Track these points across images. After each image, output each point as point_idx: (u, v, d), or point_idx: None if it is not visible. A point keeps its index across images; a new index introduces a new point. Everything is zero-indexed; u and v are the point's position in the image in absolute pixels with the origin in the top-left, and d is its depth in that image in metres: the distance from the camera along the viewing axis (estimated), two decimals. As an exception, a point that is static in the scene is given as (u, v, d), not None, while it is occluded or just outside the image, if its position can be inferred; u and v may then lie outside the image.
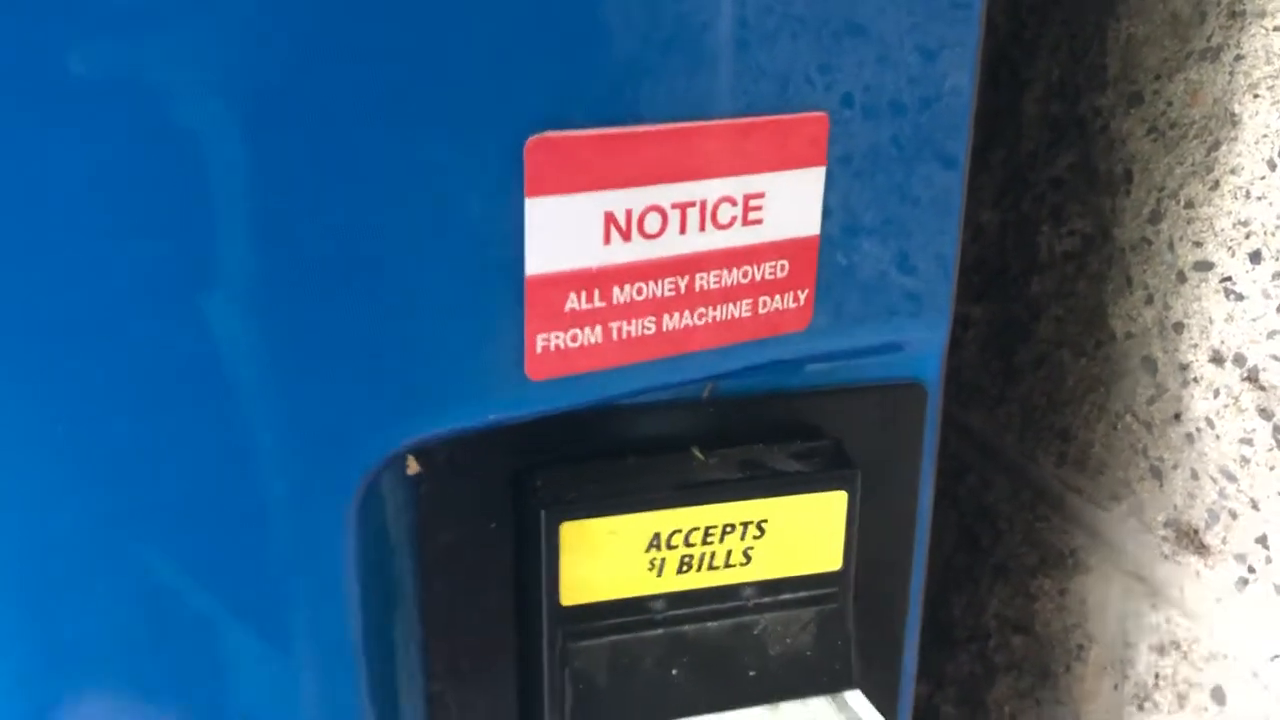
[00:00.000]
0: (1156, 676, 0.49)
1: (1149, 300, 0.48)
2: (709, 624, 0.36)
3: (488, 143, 0.27)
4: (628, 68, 0.29)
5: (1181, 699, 0.48)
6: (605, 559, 0.35)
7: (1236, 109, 0.43)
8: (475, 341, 0.29)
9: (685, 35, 0.30)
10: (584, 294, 0.30)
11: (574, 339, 0.30)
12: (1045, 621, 0.57)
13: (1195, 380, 0.46)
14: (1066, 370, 0.54)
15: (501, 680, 0.37)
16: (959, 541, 0.63)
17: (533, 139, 0.28)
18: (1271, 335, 0.43)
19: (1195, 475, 0.47)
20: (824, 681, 0.36)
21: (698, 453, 0.36)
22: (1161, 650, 0.49)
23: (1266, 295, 0.42)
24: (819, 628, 0.37)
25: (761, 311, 0.33)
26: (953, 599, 0.64)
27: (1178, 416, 0.47)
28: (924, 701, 0.68)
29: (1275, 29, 0.42)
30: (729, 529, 0.35)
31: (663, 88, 0.30)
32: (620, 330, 0.31)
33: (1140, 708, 0.50)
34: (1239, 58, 0.43)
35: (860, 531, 0.37)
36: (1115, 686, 0.52)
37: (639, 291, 0.31)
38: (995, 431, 0.59)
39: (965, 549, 0.63)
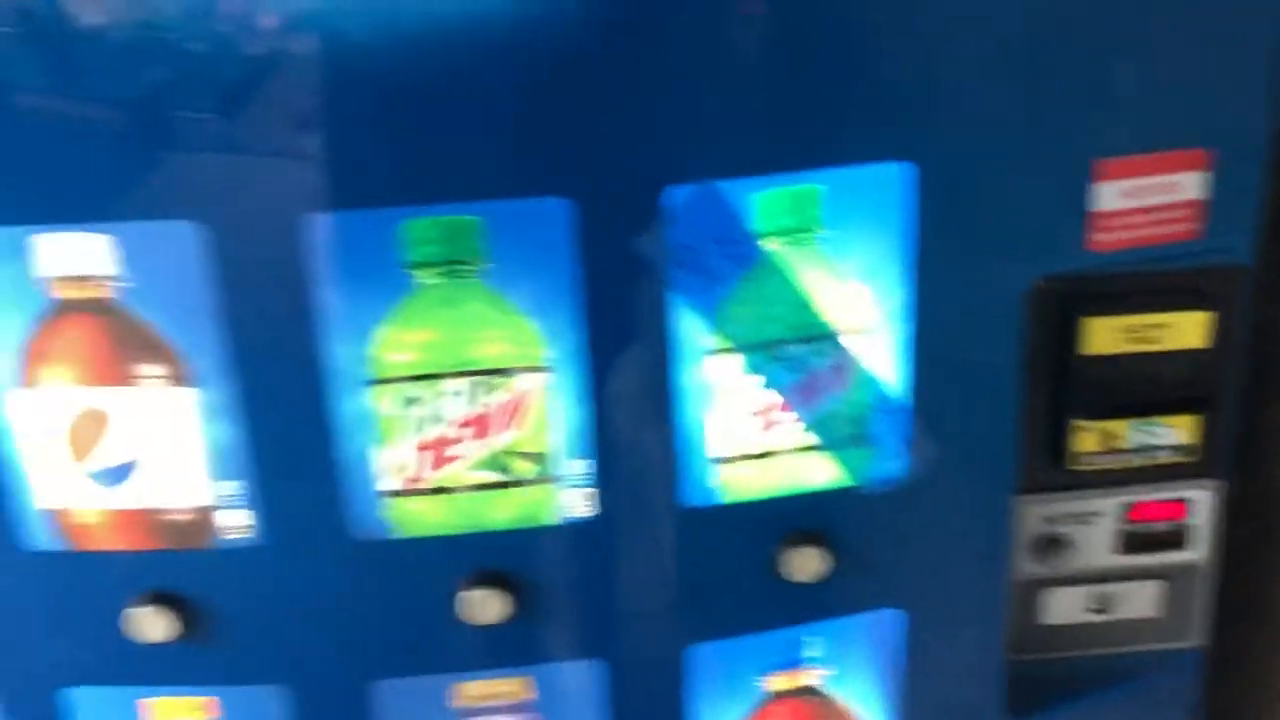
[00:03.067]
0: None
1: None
2: (1144, 361, 0.84)
3: (1081, 161, 0.77)
4: (1126, 142, 0.78)
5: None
6: (1097, 336, 0.83)
7: None
8: (1072, 235, 0.79)
9: (1152, 120, 0.78)
10: (1111, 221, 0.79)
11: (1106, 235, 0.79)
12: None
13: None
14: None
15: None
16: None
17: (1096, 160, 0.77)
18: None
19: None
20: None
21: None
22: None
23: None
24: (1195, 372, 0.84)
25: (1176, 230, 0.81)
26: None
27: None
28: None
29: None
30: (1155, 327, 0.83)
31: (1140, 142, 0.78)
32: (1120, 236, 0.80)
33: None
34: None
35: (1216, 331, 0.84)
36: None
37: (1134, 220, 0.79)
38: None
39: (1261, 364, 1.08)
